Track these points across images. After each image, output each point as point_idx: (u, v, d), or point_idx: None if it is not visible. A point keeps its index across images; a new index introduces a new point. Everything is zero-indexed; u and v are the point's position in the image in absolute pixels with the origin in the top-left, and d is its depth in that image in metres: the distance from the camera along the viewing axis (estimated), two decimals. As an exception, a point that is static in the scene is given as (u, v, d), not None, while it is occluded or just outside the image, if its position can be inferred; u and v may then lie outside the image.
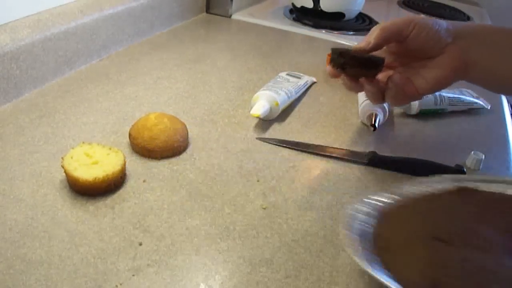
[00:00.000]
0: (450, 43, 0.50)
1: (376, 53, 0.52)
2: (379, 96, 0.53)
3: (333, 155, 0.59)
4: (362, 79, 0.52)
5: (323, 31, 1.06)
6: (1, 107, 0.61)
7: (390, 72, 0.52)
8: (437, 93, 0.72)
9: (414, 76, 0.51)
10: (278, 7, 1.20)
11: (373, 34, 0.50)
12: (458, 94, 0.75)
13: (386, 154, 0.59)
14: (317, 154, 0.59)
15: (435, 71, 0.50)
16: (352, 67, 0.50)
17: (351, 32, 1.07)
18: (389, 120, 0.69)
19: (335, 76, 0.54)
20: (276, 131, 0.64)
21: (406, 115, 0.72)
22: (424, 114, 0.72)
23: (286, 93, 0.67)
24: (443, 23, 0.50)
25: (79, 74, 0.72)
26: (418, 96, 0.51)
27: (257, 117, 0.62)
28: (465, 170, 0.57)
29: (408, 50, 0.52)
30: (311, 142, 0.61)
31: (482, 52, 0.50)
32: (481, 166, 0.60)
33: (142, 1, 0.85)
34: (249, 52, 0.89)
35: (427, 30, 0.49)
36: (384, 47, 0.54)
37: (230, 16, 1.08)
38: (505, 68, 0.50)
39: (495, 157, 0.63)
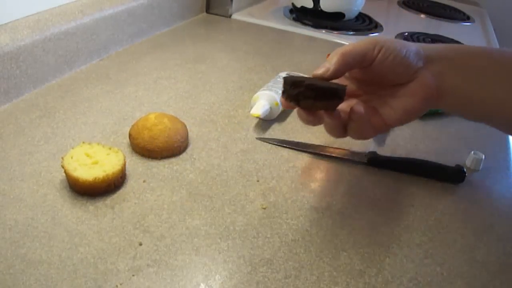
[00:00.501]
0: (421, 68, 0.44)
1: (337, 81, 0.46)
2: (340, 130, 0.46)
3: (333, 155, 0.59)
4: (320, 111, 0.46)
5: (323, 31, 1.06)
6: (1, 107, 0.61)
7: (354, 102, 0.46)
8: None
9: (381, 106, 0.46)
10: (278, 7, 1.20)
11: (333, 60, 0.44)
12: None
13: (386, 154, 0.59)
14: (317, 154, 0.59)
15: (404, 100, 0.45)
16: (308, 99, 0.43)
17: (351, 32, 1.07)
18: (389, 120, 0.69)
19: (290, 108, 0.48)
20: (276, 131, 0.64)
21: (406, 115, 0.72)
22: (424, 114, 0.72)
23: (286, 93, 0.66)
24: (413, 46, 0.45)
25: (79, 74, 0.72)
26: (386, 128, 0.46)
27: (257, 117, 0.62)
28: (465, 170, 0.57)
29: (373, 76, 0.46)
30: (311, 142, 0.61)
31: (458, 77, 0.45)
32: (481, 166, 0.60)
33: (142, 1, 0.85)
34: (249, 52, 0.89)
35: (394, 54, 0.43)
36: (346, 74, 0.48)
37: (230, 16, 1.08)
38: (486, 95, 0.44)
39: (495, 157, 0.64)
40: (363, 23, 1.15)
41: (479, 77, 0.45)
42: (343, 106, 0.46)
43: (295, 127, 0.65)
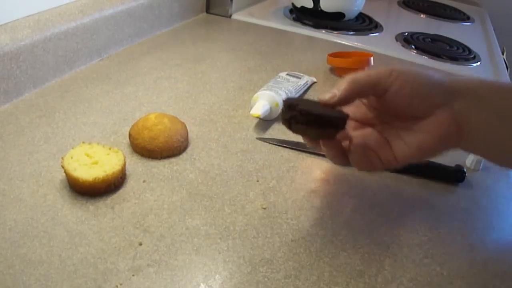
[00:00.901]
0: (443, 103, 0.40)
1: (351, 107, 0.45)
2: (341, 158, 0.43)
3: (333, 155, 0.59)
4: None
5: (323, 31, 1.06)
6: (1, 107, 0.61)
7: (367, 130, 0.44)
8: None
9: (394, 139, 0.42)
10: (278, 7, 1.20)
11: (341, 86, 0.41)
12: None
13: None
14: (317, 154, 0.59)
15: (419, 136, 0.40)
16: (300, 124, 0.40)
17: (351, 32, 1.07)
18: (389, 120, 0.69)
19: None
20: (276, 131, 0.64)
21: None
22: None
23: (286, 93, 0.67)
24: (435, 76, 0.40)
25: (79, 74, 0.72)
26: (395, 163, 0.42)
27: (257, 117, 0.62)
28: (465, 170, 0.57)
29: (388, 106, 0.42)
30: (311, 142, 0.61)
31: (487, 118, 0.39)
32: (481, 166, 0.60)
33: (142, 1, 0.85)
34: (249, 52, 0.89)
35: (410, 86, 0.39)
36: (364, 100, 0.46)
37: (230, 16, 1.08)
38: None
39: (495, 157, 0.63)
40: (363, 23, 1.15)
41: (503, 120, 0.39)
42: (356, 133, 0.44)
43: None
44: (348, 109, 0.45)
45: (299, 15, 1.12)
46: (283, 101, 0.42)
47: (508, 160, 0.43)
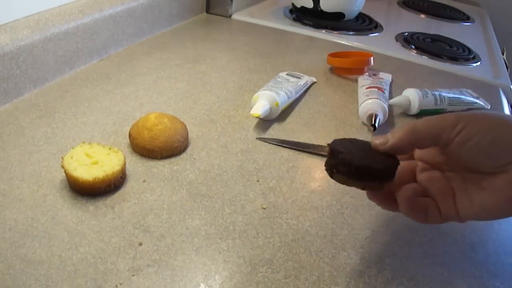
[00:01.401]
0: None
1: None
2: (391, 207, 0.40)
3: (333, 155, 0.59)
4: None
5: (323, 31, 1.06)
6: (1, 107, 0.61)
7: (435, 175, 0.40)
8: (436, 93, 0.72)
9: (460, 191, 0.37)
10: (278, 7, 1.20)
11: (397, 133, 0.37)
12: (458, 94, 0.75)
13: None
14: (317, 154, 0.59)
15: (485, 194, 0.36)
16: (341, 174, 0.37)
17: (351, 32, 1.07)
18: (389, 120, 0.69)
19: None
20: (276, 131, 0.64)
21: (406, 115, 0.72)
22: (424, 114, 0.72)
23: (286, 93, 0.67)
24: (508, 128, 0.34)
25: (79, 74, 0.72)
26: (457, 220, 0.38)
27: (257, 117, 0.62)
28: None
29: (451, 158, 0.38)
30: (311, 142, 0.61)
31: None
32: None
33: (142, 1, 0.85)
34: (249, 52, 0.89)
35: (477, 139, 0.34)
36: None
37: (230, 16, 1.08)
38: None
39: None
40: (363, 23, 1.15)
41: None
42: (422, 175, 0.41)
43: (295, 127, 0.65)
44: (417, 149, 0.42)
45: (299, 15, 1.12)
46: (328, 144, 0.39)
47: None
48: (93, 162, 0.48)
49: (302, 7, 1.11)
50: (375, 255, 0.45)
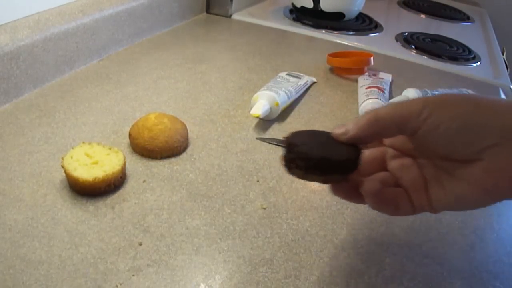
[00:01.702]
0: (493, 145, 0.30)
1: None
2: (357, 200, 0.37)
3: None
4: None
5: (323, 31, 1.06)
6: (1, 107, 0.61)
7: (407, 162, 0.37)
8: (436, 93, 0.72)
9: (432, 181, 0.34)
10: (278, 7, 1.20)
11: (358, 122, 0.34)
12: (458, 94, 0.74)
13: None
14: (317, 154, 0.59)
15: (459, 185, 0.32)
16: (299, 169, 0.34)
17: (351, 32, 1.07)
18: (389, 120, 0.69)
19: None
20: (276, 131, 0.64)
21: (406, 115, 0.72)
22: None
23: (286, 93, 0.67)
24: (484, 113, 0.31)
25: (79, 74, 0.72)
26: (430, 211, 0.35)
27: (257, 117, 0.62)
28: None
29: (421, 146, 0.35)
30: (311, 142, 0.61)
31: None
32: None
33: (142, 1, 0.85)
34: (249, 52, 0.89)
35: (446, 126, 0.31)
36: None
37: (230, 16, 1.08)
38: None
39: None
40: (363, 23, 1.15)
41: None
42: (393, 163, 0.37)
43: (295, 127, 0.65)
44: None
45: (299, 15, 1.12)
46: (284, 138, 0.35)
47: None
48: (93, 162, 0.48)
49: (302, 7, 1.11)
50: (375, 255, 0.45)
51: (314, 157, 0.33)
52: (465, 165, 0.32)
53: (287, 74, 0.75)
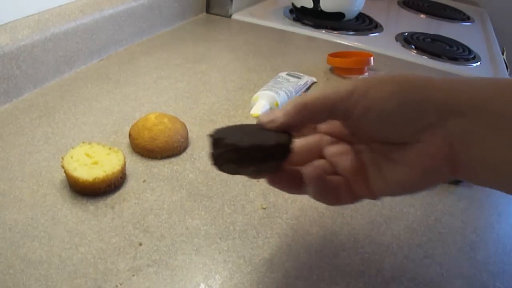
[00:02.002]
0: (430, 126, 0.29)
1: None
2: (297, 190, 0.35)
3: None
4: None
5: (323, 31, 1.06)
6: (1, 107, 0.61)
7: (344, 149, 0.35)
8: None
9: (371, 167, 0.33)
10: (278, 7, 1.20)
11: (286, 109, 0.32)
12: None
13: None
14: (317, 154, 0.59)
15: (398, 169, 0.31)
16: (231, 163, 0.32)
17: (351, 32, 1.07)
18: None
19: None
20: (276, 131, 0.63)
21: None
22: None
23: (286, 93, 0.67)
24: (424, 90, 0.29)
25: (79, 74, 0.72)
26: (370, 197, 0.34)
27: (257, 117, 0.62)
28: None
29: (356, 132, 0.33)
30: (311, 142, 0.61)
31: (497, 141, 0.28)
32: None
33: (142, 1, 0.85)
34: (249, 52, 0.89)
35: (378, 109, 0.29)
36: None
37: (230, 16, 1.08)
38: None
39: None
40: (363, 23, 1.15)
41: None
42: (330, 149, 0.36)
43: (295, 127, 0.65)
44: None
45: (299, 15, 1.12)
46: (208, 135, 0.33)
47: None
48: (93, 162, 0.48)
49: (302, 7, 1.11)
50: (375, 255, 0.45)
51: (243, 146, 0.31)
52: (403, 148, 0.30)
53: (287, 74, 0.75)
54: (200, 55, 0.85)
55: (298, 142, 0.35)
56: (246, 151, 0.31)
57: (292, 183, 0.34)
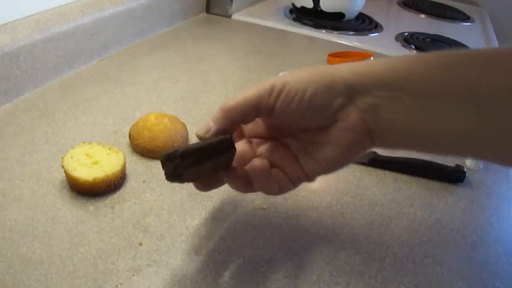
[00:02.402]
0: (344, 105, 0.34)
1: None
2: (247, 187, 0.38)
3: (333, 155, 0.59)
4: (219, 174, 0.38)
5: (323, 31, 1.06)
6: (1, 107, 0.61)
7: (272, 145, 0.39)
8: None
9: (300, 154, 0.37)
10: (278, 7, 1.20)
11: (215, 117, 0.36)
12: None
13: (386, 154, 0.59)
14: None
15: (325, 149, 0.35)
16: (190, 168, 0.34)
17: (351, 32, 1.07)
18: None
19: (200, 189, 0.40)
20: (276, 131, 0.63)
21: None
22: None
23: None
24: (327, 78, 0.34)
25: (79, 74, 0.72)
26: (308, 179, 0.38)
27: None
28: (465, 170, 0.57)
29: (282, 124, 0.37)
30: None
31: (400, 109, 0.32)
32: (481, 166, 0.60)
33: (143, 1, 0.85)
34: (249, 52, 0.89)
35: (298, 98, 0.33)
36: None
37: (230, 16, 1.08)
38: (443, 129, 0.32)
39: (495, 157, 0.63)
40: (363, 23, 1.15)
41: (431, 104, 0.32)
42: (260, 149, 0.39)
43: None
44: (245, 127, 0.41)
45: (299, 15, 1.12)
46: (160, 157, 0.35)
47: (437, 150, 0.38)
48: (93, 162, 0.48)
49: (302, 7, 1.11)
50: (375, 255, 0.45)
51: (193, 148, 0.34)
52: (325, 130, 0.35)
53: (285, 72, 0.75)
54: (200, 55, 0.85)
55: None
56: (197, 152, 0.34)
57: (241, 182, 0.37)
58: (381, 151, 0.59)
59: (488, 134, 0.31)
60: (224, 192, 0.51)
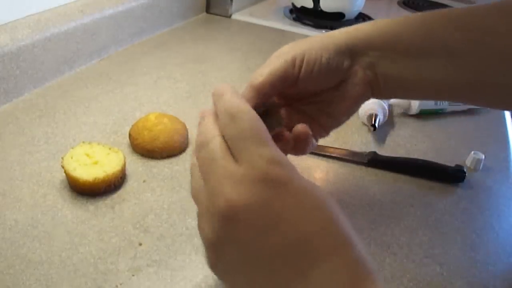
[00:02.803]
0: (351, 65, 0.40)
1: None
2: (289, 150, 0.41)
3: (333, 155, 0.59)
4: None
5: (323, 31, 1.06)
6: (1, 107, 0.61)
7: (287, 112, 0.43)
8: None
9: (316, 114, 0.43)
10: (278, 7, 1.20)
11: (246, 95, 0.40)
12: (458, 94, 0.75)
13: (386, 154, 0.59)
14: (317, 154, 0.59)
15: (342, 104, 0.42)
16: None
17: (351, 32, 1.07)
18: (389, 120, 0.69)
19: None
20: (276, 131, 0.63)
21: (406, 115, 0.72)
22: (424, 114, 0.72)
23: (286, 93, 0.66)
24: (332, 45, 0.39)
25: (79, 74, 0.72)
26: (325, 134, 0.44)
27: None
28: (465, 170, 0.57)
29: (301, 90, 0.41)
30: (311, 142, 0.61)
31: (391, 64, 0.40)
32: (481, 166, 0.60)
33: (142, 1, 0.85)
34: (249, 52, 0.89)
35: (317, 64, 0.39)
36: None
37: (230, 16, 1.08)
38: (427, 77, 0.40)
39: (495, 157, 0.63)
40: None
41: (414, 60, 0.40)
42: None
43: (295, 127, 0.65)
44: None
45: (299, 15, 1.12)
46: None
47: (429, 95, 0.45)
48: (93, 162, 0.48)
49: (302, 7, 1.11)
50: (375, 255, 0.45)
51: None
52: (338, 88, 0.41)
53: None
54: (200, 55, 0.85)
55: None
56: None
57: (289, 146, 0.41)
58: (381, 151, 0.59)
59: (460, 80, 0.40)
60: (224, 192, 0.51)
